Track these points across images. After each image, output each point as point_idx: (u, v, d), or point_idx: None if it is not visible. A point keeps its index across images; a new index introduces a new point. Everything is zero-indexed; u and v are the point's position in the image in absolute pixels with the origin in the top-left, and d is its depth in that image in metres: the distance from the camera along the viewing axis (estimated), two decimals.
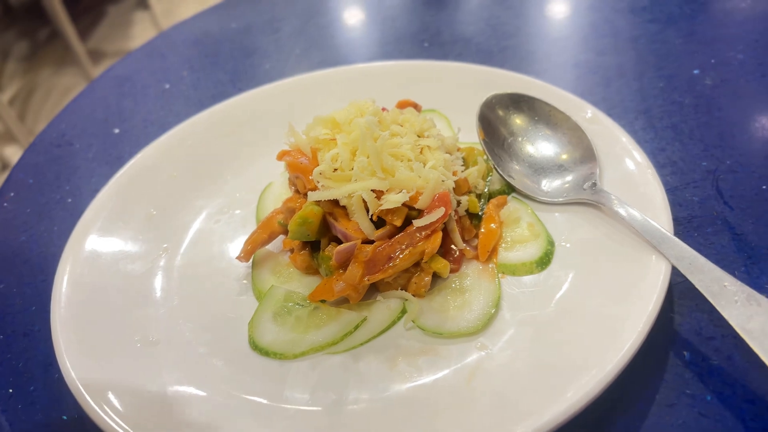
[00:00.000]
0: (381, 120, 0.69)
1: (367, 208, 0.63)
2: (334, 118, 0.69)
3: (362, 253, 0.62)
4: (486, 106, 0.77)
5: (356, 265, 0.62)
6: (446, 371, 0.58)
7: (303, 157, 0.69)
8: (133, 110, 1.06)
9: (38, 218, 0.85)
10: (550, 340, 0.58)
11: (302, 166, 0.68)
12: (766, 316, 0.50)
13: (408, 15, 1.22)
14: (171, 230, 0.76)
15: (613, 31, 1.08)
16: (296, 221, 0.64)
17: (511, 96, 0.78)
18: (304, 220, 0.64)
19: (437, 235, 0.63)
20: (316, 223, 0.64)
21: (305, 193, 0.67)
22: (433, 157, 0.67)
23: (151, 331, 0.64)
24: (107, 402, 0.55)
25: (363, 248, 0.62)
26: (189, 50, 1.22)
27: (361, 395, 0.57)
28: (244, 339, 0.63)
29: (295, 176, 0.70)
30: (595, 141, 0.73)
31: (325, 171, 0.64)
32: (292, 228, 0.64)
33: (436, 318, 0.62)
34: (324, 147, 0.67)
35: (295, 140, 0.70)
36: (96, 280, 0.68)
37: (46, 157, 0.97)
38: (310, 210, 0.64)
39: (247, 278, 0.70)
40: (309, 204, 0.65)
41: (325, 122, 0.69)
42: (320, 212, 0.65)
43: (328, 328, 0.63)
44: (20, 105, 3.36)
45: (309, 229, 0.64)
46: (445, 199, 0.63)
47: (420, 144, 0.69)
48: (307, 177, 0.67)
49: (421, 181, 0.63)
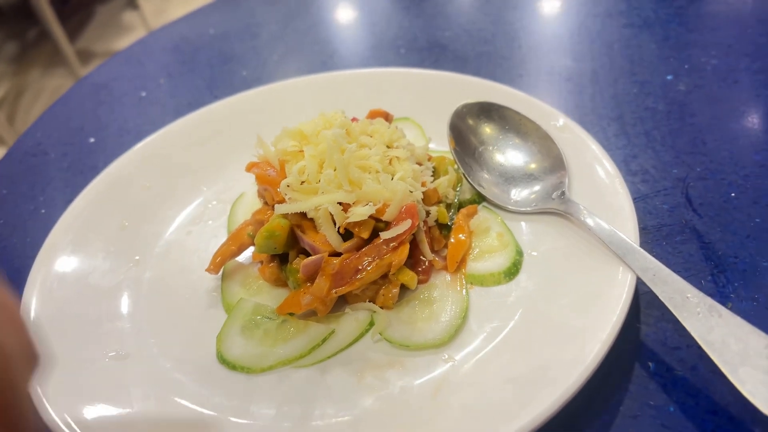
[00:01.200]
0: (349, 131, 0.69)
1: (335, 220, 0.63)
2: (302, 130, 0.69)
3: (329, 265, 0.62)
4: (456, 115, 0.77)
5: (323, 277, 0.62)
6: (413, 384, 0.58)
7: (271, 168, 0.69)
8: (109, 119, 1.05)
9: (12, 230, 0.85)
10: (516, 351, 0.58)
11: (270, 178, 0.68)
12: (726, 328, 0.50)
13: (386, 21, 1.22)
14: (142, 242, 0.76)
15: (589, 36, 1.08)
16: (263, 235, 0.64)
17: (481, 105, 0.78)
18: (270, 233, 0.64)
19: (404, 247, 0.63)
20: (283, 236, 0.64)
21: (273, 205, 0.67)
22: (402, 168, 0.67)
23: (120, 345, 0.64)
24: (74, 418, 0.55)
25: (330, 261, 0.62)
26: (166, 57, 1.21)
27: (328, 410, 0.57)
28: (211, 353, 0.63)
29: (263, 188, 0.70)
30: (565, 150, 0.73)
31: (293, 183, 0.64)
32: (258, 242, 0.64)
33: (403, 330, 0.62)
34: (292, 159, 0.67)
35: (264, 152, 0.70)
36: (65, 294, 0.68)
37: (21, 167, 0.97)
38: (276, 223, 0.64)
39: (217, 290, 0.70)
40: (276, 217, 0.65)
41: (293, 134, 0.69)
42: (287, 225, 0.65)
43: (296, 341, 0.63)
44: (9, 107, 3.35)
45: (276, 243, 0.64)
46: (412, 211, 0.63)
47: (389, 155, 0.69)
48: (275, 189, 0.67)
49: (389, 193, 0.63)
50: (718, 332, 0.51)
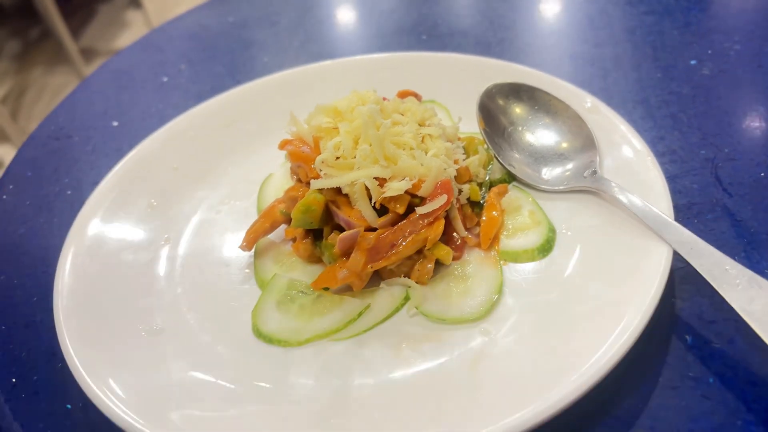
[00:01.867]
0: (383, 109, 0.69)
1: (370, 196, 0.63)
2: (336, 107, 0.69)
3: (365, 240, 0.62)
4: (486, 96, 0.78)
5: (359, 252, 0.62)
6: (450, 357, 0.58)
7: (305, 146, 0.69)
8: (131, 103, 1.05)
9: (38, 210, 0.85)
10: (553, 325, 0.58)
11: (304, 155, 0.68)
12: (767, 299, 0.51)
13: (405, 8, 1.23)
14: (172, 221, 0.76)
15: (609, 22, 1.08)
16: (299, 209, 0.64)
17: (511, 85, 0.79)
18: (307, 208, 0.64)
19: (440, 222, 0.63)
20: (318, 210, 0.64)
21: (307, 182, 0.67)
22: (435, 146, 0.67)
23: (155, 320, 0.64)
24: (111, 390, 0.55)
25: (366, 236, 0.62)
26: (186, 44, 1.21)
27: (366, 381, 0.57)
28: (247, 327, 0.63)
29: (297, 165, 0.70)
30: (595, 129, 0.73)
31: (328, 159, 0.64)
32: (295, 216, 0.64)
33: (439, 304, 0.63)
34: (326, 135, 0.67)
35: (297, 129, 0.70)
36: (98, 269, 0.68)
37: (44, 150, 0.97)
38: (312, 198, 0.64)
39: (250, 267, 0.70)
40: (312, 192, 0.65)
41: (327, 111, 0.69)
42: (323, 200, 0.65)
43: (332, 315, 0.63)
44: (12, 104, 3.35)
45: (312, 217, 0.65)
46: (447, 187, 0.63)
47: (421, 133, 0.69)
48: (309, 166, 0.67)
49: (424, 169, 0.63)
50: (759, 303, 0.51)
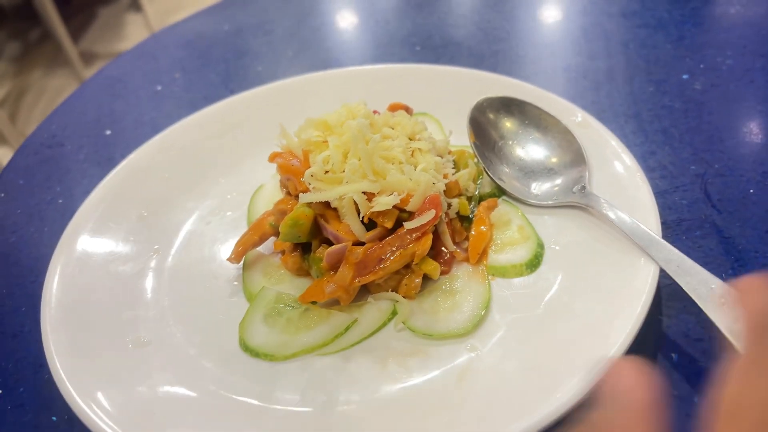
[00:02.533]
0: (372, 123, 0.69)
1: (358, 210, 0.63)
2: (326, 121, 0.69)
3: (353, 254, 0.62)
4: (477, 110, 0.78)
5: (347, 266, 0.62)
6: (436, 372, 0.58)
7: (294, 159, 0.69)
8: (124, 112, 1.05)
9: (29, 219, 0.85)
10: (539, 341, 0.58)
11: (293, 168, 0.68)
12: None
13: (399, 18, 1.23)
14: (162, 232, 0.76)
15: (603, 35, 1.08)
16: (287, 223, 0.64)
17: (501, 100, 0.79)
18: (295, 222, 0.64)
19: (428, 237, 0.64)
20: (307, 225, 0.65)
21: (296, 195, 0.67)
22: (424, 160, 0.67)
23: (142, 332, 0.64)
24: (97, 403, 0.55)
25: (353, 250, 0.62)
26: (181, 52, 1.22)
27: (352, 396, 0.57)
28: (234, 340, 0.63)
29: (286, 178, 0.70)
30: (585, 144, 0.73)
31: (317, 173, 0.64)
32: (283, 230, 0.64)
33: (426, 319, 0.63)
34: (315, 149, 0.67)
35: (287, 142, 0.71)
36: (87, 281, 0.68)
37: (36, 158, 0.97)
38: (301, 212, 0.64)
39: (238, 280, 0.70)
40: (300, 206, 0.65)
41: (317, 124, 0.69)
42: (311, 214, 0.65)
43: (319, 329, 0.63)
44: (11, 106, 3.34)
45: (300, 231, 0.65)
46: (435, 202, 0.63)
47: (411, 147, 0.69)
48: (298, 179, 0.67)
49: (412, 184, 0.63)
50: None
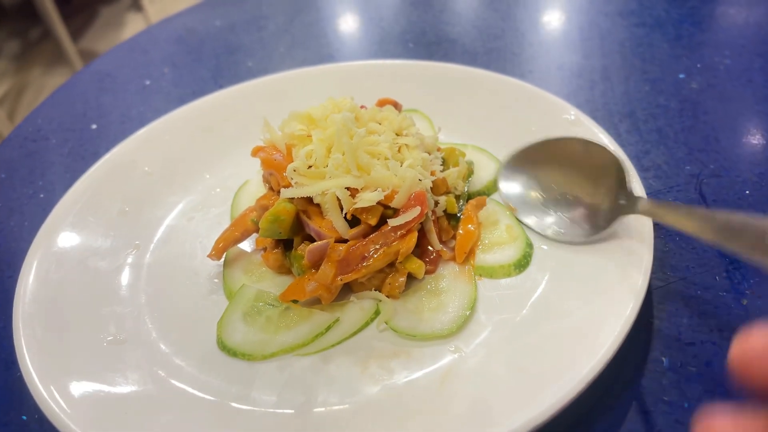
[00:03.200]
0: (358, 117, 0.68)
1: (342, 206, 0.61)
2: (310, 114, 0.67)
3: (335, 252, 0.60)
4: (505, 180, 0.73)
5: (329, 264, 0.60)
6: (419, 374, 0.56)
7: (277, 153, 0.67)
8: (112, 106, 1.04)
9: (9, 213, 0.83)
10: (525, 343, 0.56)
11: (276, 163, 0.66)
12: None
13: (394, 15, 1.21)
14: (143, 227, 0.74)
15: (599, 34, 1.07)
16: (268, 218, 0.62)
17: (520, 155, 0.73)
18: (275, 217, 0.62)
19: (412, 235, 0.62)
20: (288, 220, 0.63)
21: (279, 190, 0.65)
22: (411, 156, 0.66)
23: (118, 329, 0.62)
24: (67, 402, 0.53)
25: (336, 247, 0.61)
26: (172, 47, 1.20)
27: (331, 398, 0.55)
28: (212, 339, 0.61)
29: (269, 173, 0.68)
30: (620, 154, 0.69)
31: (299, 168, 0.63)
32: (263, 225, 0.62)
33: (410, 319, 0.61)
34: (299, 143, 0.66)
35: (270, 136, 0.69)
36: (63, 276, 0.66)
37: (20, 152, 0.95)
38: (282, 207, 0.63)
39: (219, 277, 0.68)
40: (282, 201, 0.63)
41: (301, 118, 0.68)
42: (293, 210, 0.63)
43: (299, 328, 0.61)
44: (10, 104, 3.33)
45: (281, 227, 0.63)
46: (421, 199, 0.62)
47: (398, 142, 0.67)
48: (281, 174, 0.65)
49: (398, 180, 0.62)
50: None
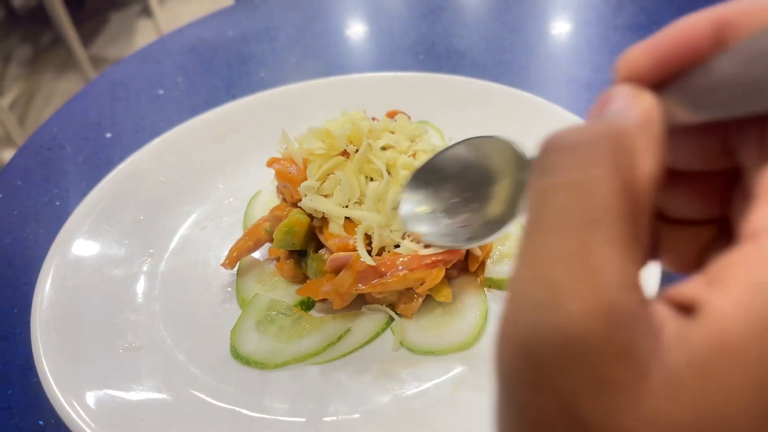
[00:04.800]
0: (371, 129, 0.68)
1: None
2: (328, 130, 0.68)
3: (358, 262, 0.60)
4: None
5: (349, 272, 0.60)
6: (429, 384, 0.57)
7: (292, 166, 0.68)
8: (125, 115, 1.05)
9: (25, 220, 0.85)
10: None
11: (291, 176, 0.67)
12: None
13: (404, 27, 1.22)
14: (157, 236, 0.76)
15: (609, 48, 1.08)
16: (282, 230, 0.63)
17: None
18: (290, 228, 0.63)
19: (440, 270, 0.60)
20: (302, 232, 0.64)
21: (293, 202, 0.66)
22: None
23: (133, 336, 0.63)
24: (83, 407, 0.54)
25: (359, 257, 0.60)
26: (184, 57, 1.21)
27: (342, 406, 0.56)
28: (225, 347, 0.62)
29: (283, 185, 0.69)
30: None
31: (313, 187, 0.63)
32: (277, 236, 0.63)
33: (423, 336, 0.61)
34: (316, 159, 0.66)
35: (288, 148, 0.70)
36: (79, 283, 0.67)
37: (36, 160, 0.96)
38: (296, 219, 0.63)
39: (232, 286, 0.69)
40: (295, 212, 0.64)
41: (319, 134, 0.68)
42: (307, 221, 0.64)
43: (311, 338, 0.62)
44: (21, 109, 3.36)
45: (294, 238, 0.64)
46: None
47: (414, 149, 0.68)
48: (294, 187, 0.66)
49: None
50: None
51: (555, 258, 0.20)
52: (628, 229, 0.20)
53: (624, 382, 0.18)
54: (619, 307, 0.19)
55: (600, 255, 0.19)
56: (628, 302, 0.19)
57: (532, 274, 0.20)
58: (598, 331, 0.18)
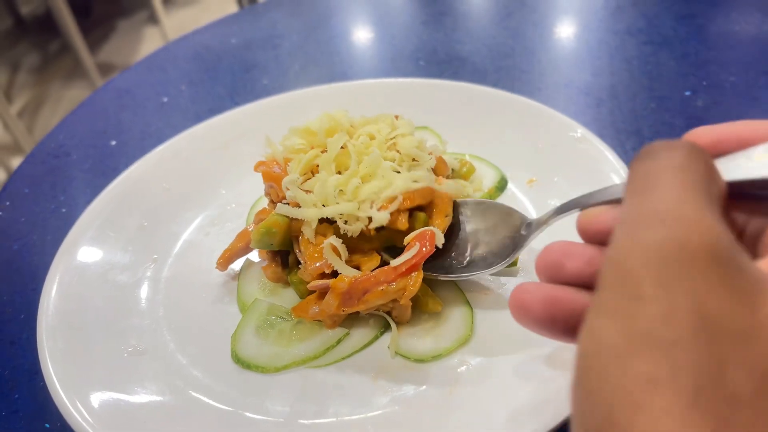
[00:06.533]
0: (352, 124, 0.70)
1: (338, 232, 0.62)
2: (309, 128, 0.69)
3: (339, 284, 0.60)
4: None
5: (333, 296, 0.60)
6: (427, 385, 0.58)
7: (277, 166, 0.69)
8: (131, 122, 1.07)
9: (32, 227, 0.86)
10: (534, 352, 0.57)
11: (275, 175, 0.68)
12: None
13: (406, 34, 1.24)
14: (161, 241, 0.77)
15: (608, 52, 1.08)
16: (260, 230, 0.63)
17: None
18: (267, 230, 0.63)
19: (419, 274, 0.59)
20: (280, 233, 0.64)
21: (278, 202, 0.67)
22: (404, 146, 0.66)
23: (137, 341, 0.64)
24: (88, 410, 0.55)
25: (340, 279, 0.60)
26: (188, 64, 1.23)
27: (342, 408, 0.57)
28: (227, 351, 0.63)
29: (269, 185, 0.70)
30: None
31: (295, 181, 0.64)
32: (254, 237, 0.64)
33: (413, 344, 0.62)
34: (296, 156, 0.67)
35: (271, 150, 0.71)
36: (84, 289, 0.69)
37: (43, 168, 0.98)
38: (274, 220, 0.63)
39: (234, 291, 0.70)
40: (275, 214, 0.64)
41: (300, 132, 0.70)
42: (286, 223, 0.64)
43: (311, 342, 0.63)
44: (29, 116, 3.39)
45: (272, 239, 0.64)
46: (423, 236, 0.60)
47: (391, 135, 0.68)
48: (279, 185, 0.67)
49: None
50: None
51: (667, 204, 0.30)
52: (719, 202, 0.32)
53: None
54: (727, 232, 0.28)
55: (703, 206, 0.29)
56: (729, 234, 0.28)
57: (653, 212, 0.30)
58: (722, 244, 0.27)
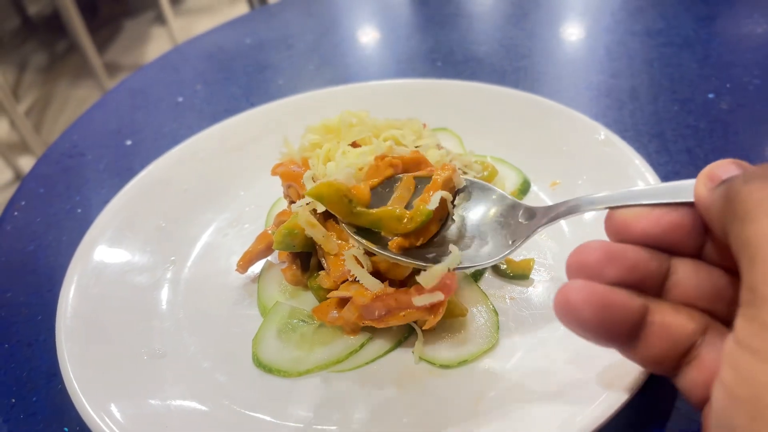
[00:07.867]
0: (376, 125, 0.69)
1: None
2: (325, 125, 0.68)
3: (359, 299, 0.58)
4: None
5: (352, 308, 0.59)
6: (453, 393, 0.57)
7: (295, 165, 0.68)
8: (145, 122, 1.06)
9: (47, 228, 0.85)
10: (562, 361, 0.56)
11: (294, 174, 0.67)
12: None
13: (421, 34, 1.23)
14: (179, 243, 0.76)
15: (627, 54, 1.07)
16: (281, 232, 0.62)
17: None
18: (289, 231, 0.62)
19: (443, 306, 0.58)
20: (302, 234, 0.62)
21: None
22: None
23: (157, 344, 0.63)
24: (109, 414, 0.54)
25: (361, 293, 0.59)
26: (202, 64, 1.22)
27: (366, 415, 0.56)
28: (248, 354, 0.62)
29: (287, 185, 0.69)
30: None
31: (317, 176, 0.63)
32: (276, 238, 0.63)
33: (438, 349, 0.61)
34: (314, 153, 0.67)
35: (288, 150, 0.70)
36: (103, 291, 0.68)
37: (57, 168, 0.97)
38: (296, 222, 0.62)
39: (254, 293, 0.69)
40: (296, 215, 0.62)
41: (316, 130, 0.69)
42: None
43: (334, 345, 0.62)
44: (36, 116, 3.40)
45: (294, 241, 0.63)
46: (445, 282, 0.57)
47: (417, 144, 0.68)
48: (299, 183, 0.66)
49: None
50: None
51: None
52: None
53: None
54: None
55: None
56: None
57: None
58: None
